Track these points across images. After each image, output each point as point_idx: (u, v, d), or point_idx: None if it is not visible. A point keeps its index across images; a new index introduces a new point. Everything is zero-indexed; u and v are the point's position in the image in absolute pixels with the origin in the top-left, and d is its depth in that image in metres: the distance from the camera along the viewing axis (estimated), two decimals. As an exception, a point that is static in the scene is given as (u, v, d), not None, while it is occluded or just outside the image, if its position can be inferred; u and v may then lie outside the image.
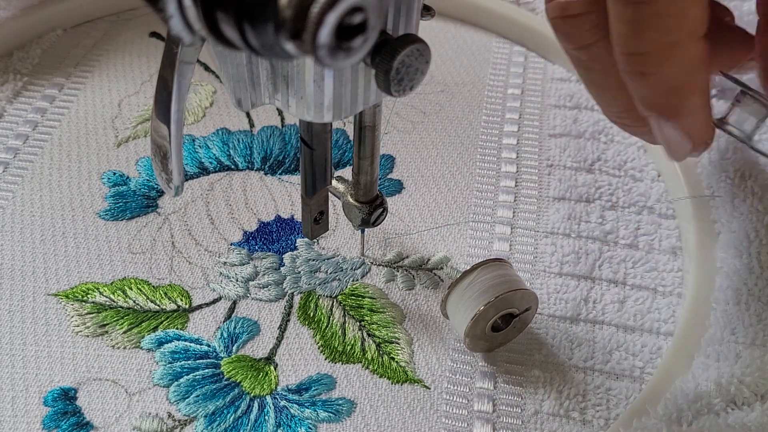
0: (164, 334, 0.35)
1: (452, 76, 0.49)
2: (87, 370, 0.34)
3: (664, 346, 0.34)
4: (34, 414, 0.32)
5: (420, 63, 0.24)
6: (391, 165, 0.43)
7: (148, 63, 0.50)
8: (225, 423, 0.32)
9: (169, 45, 0.25)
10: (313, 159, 0.32)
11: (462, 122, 0.46)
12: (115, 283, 0.37)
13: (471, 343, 0.33)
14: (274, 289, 0.37)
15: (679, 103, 0.28)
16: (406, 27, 0.26)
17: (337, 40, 0.19)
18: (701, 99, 0.28)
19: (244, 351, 0.35)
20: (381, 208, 0.35)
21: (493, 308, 0.32)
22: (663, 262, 0.37)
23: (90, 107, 0.47)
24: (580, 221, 0.39)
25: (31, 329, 0.35)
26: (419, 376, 0.34)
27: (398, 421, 0.32)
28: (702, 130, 0.29)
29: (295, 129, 0.45)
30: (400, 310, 0.36)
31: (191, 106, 0.47)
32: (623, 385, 0.33)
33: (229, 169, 0.43)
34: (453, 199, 0.41)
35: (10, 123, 0.45)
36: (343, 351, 0.35)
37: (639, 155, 0.42)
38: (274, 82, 0.26)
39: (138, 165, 0.43)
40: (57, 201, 0.41)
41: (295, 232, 0.40)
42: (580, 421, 0.32)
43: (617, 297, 0.36)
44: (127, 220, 0.40)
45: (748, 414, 0.28)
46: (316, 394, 0.33)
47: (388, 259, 0.38)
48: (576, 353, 0.34)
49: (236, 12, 0.19)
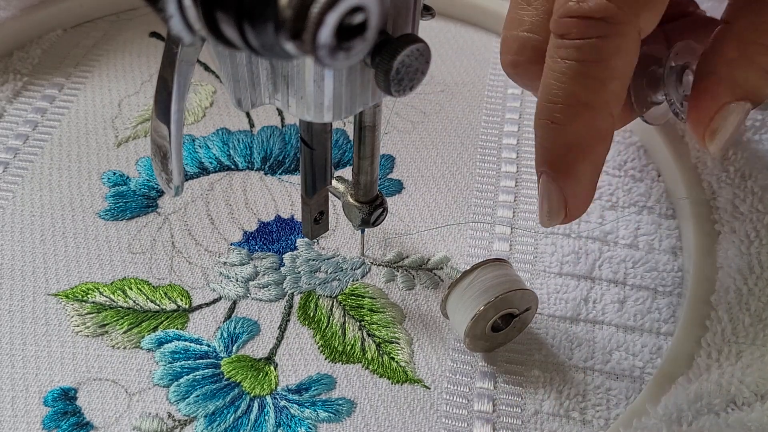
0: (164, 334, 0.35)
1: (452, 76, 0.49)
2: (87, 370, 0.34)
3: (664, 346, 0.34)
4: (34, 414, 0.32)
5: (420, 63, 0.24)
6: (391, 165, 0.43)
7: (148, 63, 0.50)
8: (225, 423, 0.32)
9: (169, 45, 0.25)
10: (313, 159, 0.32)
11: (462, 122, 0.46)
12: (115, 283, 0.37)
13: (471, 343, 0.33)
14: (274, 289, 0.37)
15: (573, 164, 0.29)
16: (406, 27, 0.26)
17: (337, 40, 0.19)
18: (592, 170, 0.29)
19: (244, 351, 0.35)
20: (381, 208, 0.35)
21: (493, 308, 0.32)
22: (663, 262, 0.37)
23: (90, 107, 0.47)
24: (580, 221, 0.39)
25: (31, 329, 0.35)
26: (419, 376, 0.34)
27: (398, 421, 0.32)
28: (580, 202, 0.30)
29: (295, 129, 0.45)
30: (400, 310, 0.36)
31: (191, 106, 0.47)
32: (623, 385, 0.33)
33: (229, 169, 0.43)
34: (453, 199, 0.41)
35: (10, 123, 0.45)
36: (343, 351, 0.35)
37: (639, 155, 0.42)
38: (274, 82, 0.26)
39: (138, 165, 0.43)
40: (57, 201, 0.41)
41: (295, 232, 0.40)
42: (580, 421, 0.32)
43: (617, 297, 0.36)
44: (127, 220, 0.40)
45: (748, 414, 0.28)
46: (316, 394, 0.33)
47: (388, 259, 0.38)
48: (576, 353, 0.34)
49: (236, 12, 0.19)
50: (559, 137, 0.29)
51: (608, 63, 0.28)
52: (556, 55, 0.29)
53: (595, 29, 0.28)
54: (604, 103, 0.28)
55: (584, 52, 0.28)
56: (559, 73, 0.28)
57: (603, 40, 0.28)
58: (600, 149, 0.29)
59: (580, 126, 0.28)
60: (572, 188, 0.29)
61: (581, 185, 0.29)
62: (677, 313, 0.36)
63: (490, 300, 0.32)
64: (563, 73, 0.28)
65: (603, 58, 0.28)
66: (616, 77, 0.28)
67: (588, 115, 0.28)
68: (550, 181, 0.29)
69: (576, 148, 0.29)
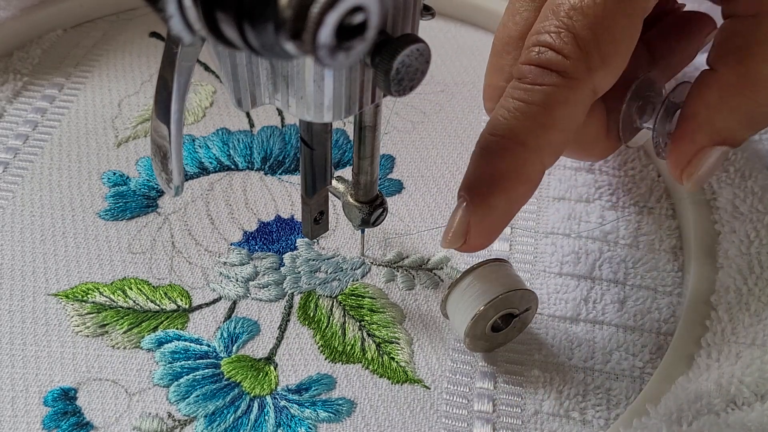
0: (164, 334, 0.35)
1: (452, 76, 0.49)
2: (87, 370, 0.34)
3: (664, 346, 0.34)
4: (34, 414, 0.32)
5: (420, 63, 0.24)
6: (391, 165, 0.43)
7: (148, 63, 0.50)
8: (225, 423, 0.32)
9: (169, 45, 0.25)
10: (313, 159, 0.32)
11: (462, 122, 0.46)
12: (115, 283, 0.37)
13: (471, 343, 0.33)
14: (274, 289, 0.37)
15: (488, 195, 0.30)
16: (405, 27, 0.26)
17: (337, 40, 0.19)
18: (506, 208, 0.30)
19: (244, 351, 0.35)
20: (381, 208, 0.35)
21: (493, 308, 0.32)
22: (663, 262, 0.37)
23: (90, 107, 0.47)
24: (580, 221, 0.39)
25: (31, 329, 0.35)
26: (419, 376, 0.34)
27: (398, 421, 0.32)
28: (482, 233, 0.30)
29: (295, 129, 0.45)
30: (400, 310, 0.36)
31: (191, 106, 0.47)
32: (623, 385, 0.33)
33: (229, 169, 0.43)
34: (453, 199, 0.41)
35: (10, 123, 0.45)
36: (343, 351, 0.35)
37: (639, 155, 0.42)
38: (274, 82, 0.26)
39: (138, 165, 0.43)
40: (57, 201, 0.41)
41: (295, 232, 0.40)
42: (580, 421, 0.32)
43: (617, 297, 0.36)
44: (127, 220, 0.40)
45: (748, 414, 0.28)
46: (316, 394, 0.33)
47: (388, 259, 0.38)
48: (576, 353, 0.34)
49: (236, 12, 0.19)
50: (485, 166, 0.30)
51: (553, 111, 0.29)
52: (509, 95, 0.30)
53: (548, 78, 0.29)
54: (538, 148, 0.29)
55: (533, 95, 0.29)
56: (506, 110, 0.30)
57: (552, 89, 0.29)
58: (521, 190, 0.30)
59: (508, 161, 0.29)
60: (480, 218, 0.30)
61: (489, 218, 0.30)
62: (677, 313, 0.36)
63: (490, 300, 0.32)
64: (509, 110, 0.30)
65: (549, 105, 0.29)
66: (557, 128, 0.29)
67: (519, 154, 0.29)
68: (462, 205, 0.30)
69: (497, 181, 0.29)
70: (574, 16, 0.29)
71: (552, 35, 0.29)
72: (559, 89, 0.29)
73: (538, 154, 0.29)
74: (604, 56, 0.29)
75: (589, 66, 0.29)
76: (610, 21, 0.29)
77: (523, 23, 0.33)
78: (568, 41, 0.29)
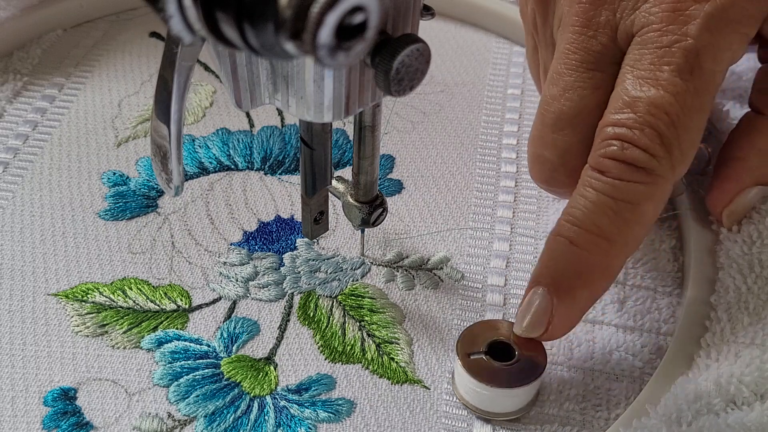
0: (164, 334, 0.35)
1: (452, 76, 0.49)
2: (87, 370, 0.34)
3: (664, 346, 0.34)
4: (34, 414, 0.32)
5: (420, 63, 0.24)
6: (391, 165, 0.43)
7: (148, 63, 0.50)
8: (225, 423, 0.32)
9: (169, 45, 0.25)
10: (313, 159, 0.32)
11: (462, 122, 0.46)
12: (115, 283, 0.37)
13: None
14: (274, 289, 0.37)
15: (575, 289, 0.30)
16: (405, 27, 0.26)
17: (337, 40, 0.19)
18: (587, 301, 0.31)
19: (244, 351, 0.35)
20: (381, 208, 0.35)
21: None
22: (663, 262, 0.37)
23: (90, 107, 0.47)
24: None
25: (31, 329, 0.35)
26: (419, 377, 0.34)
27: (398, 421, 0.32)
28: (564, 325, 0.31)
29: (295, 129, 0.45)
30: (400, 311, 0.36)
31: (191, 106, 0.47)
32: (623, 386, 0.33)
33: (229, 169, 0.43)
34: (453, 199, 0.41)
35: (10, 123, 0.45)
36: (343, 351, 0.35)
37: (639, 155, 0.42)
38: (274, 82, 0.26)
39: (138, 165, 0.43)
40: (57, 201, 0.41)
41: (295, 232, 0.40)
42: (580, 421, 0.32)
43: (617, 297, 0.36)
44: (127, 220, 0.40)
45: (748, 414, 0.28)
46: (316, 394, 0.33)
47: (388, 259, 0.38)
48: (576, 353, 0.34)
49: (236, 12, 0.19)
50: (573, 260, 0.30)
51: (639, 207, 0.30)
52: (588, 185, 0.30)
53: (635, 175, 0.29)
54: (625, 244, 0.30)
55: (619, 191, 0.30)
56: (590, 201, 0.30)
57: (639, 186, 0.30)
58: (603, 285, 0.31)
59: (596, 257, 0.30)
60: (565, 310, 0.30)
61: (573, 311, 0.31)
62: (677, 313, 0.36)
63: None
64: (593, 202, 0.30)
65: (636, 201, 0.30)
66: (642, 222, 0.30)
67: (606, 250, 0.30)
68: (546, 296, 0.30)
69: (585, 276, 0.30)
70: (656, 114, 0.29)
71: (635, 132, 0.29)
72: (647, 187, 0.29)
73: (623, 249, 0.30)
74: (684, 153, 0.30)
75: (672, 164, 0.30)
76: (689, 120, 0.29)
77: (579, 102, 0.32)
78: (653, 139, 0.29)
